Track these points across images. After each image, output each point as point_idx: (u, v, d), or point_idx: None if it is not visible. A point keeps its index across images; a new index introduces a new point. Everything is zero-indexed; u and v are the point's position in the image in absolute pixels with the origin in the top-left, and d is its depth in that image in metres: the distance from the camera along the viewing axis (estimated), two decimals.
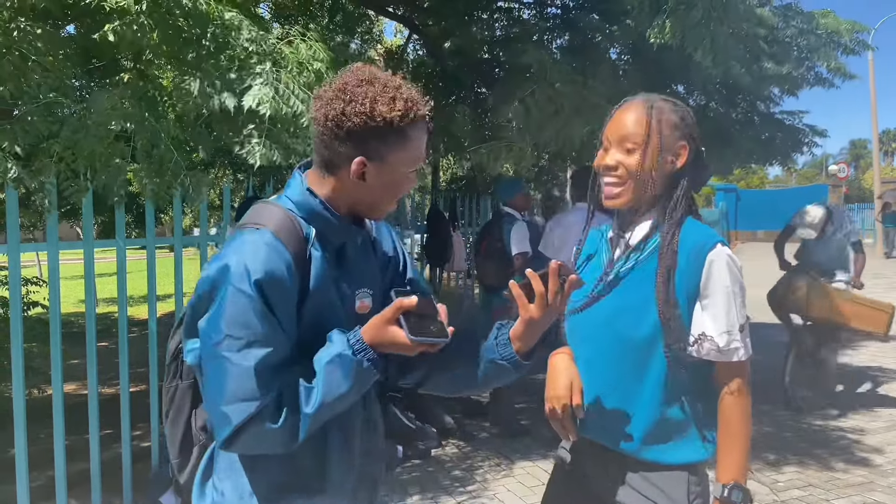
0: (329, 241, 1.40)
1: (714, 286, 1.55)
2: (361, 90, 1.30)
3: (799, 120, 6.65)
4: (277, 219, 1.35)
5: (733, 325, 1.54)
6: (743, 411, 1.56)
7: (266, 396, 1.25)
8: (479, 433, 5.14)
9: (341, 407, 1.32)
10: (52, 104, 2.65)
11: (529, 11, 6.56)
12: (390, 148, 1.33)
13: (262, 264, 1.27)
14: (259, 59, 2.77)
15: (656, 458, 1.59)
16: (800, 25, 5.03)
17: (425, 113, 1.35)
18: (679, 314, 1.54)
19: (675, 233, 1.58)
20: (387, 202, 1.42)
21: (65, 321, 3.52)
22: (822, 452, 4.66)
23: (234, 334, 1.25)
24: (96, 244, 3.66)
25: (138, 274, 5.59)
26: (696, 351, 1.56)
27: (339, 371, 1.28)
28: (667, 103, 1.63)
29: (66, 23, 3.57)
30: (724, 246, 1.57)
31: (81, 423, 3.61)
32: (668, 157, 1.59)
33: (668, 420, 1.59)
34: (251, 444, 1.28)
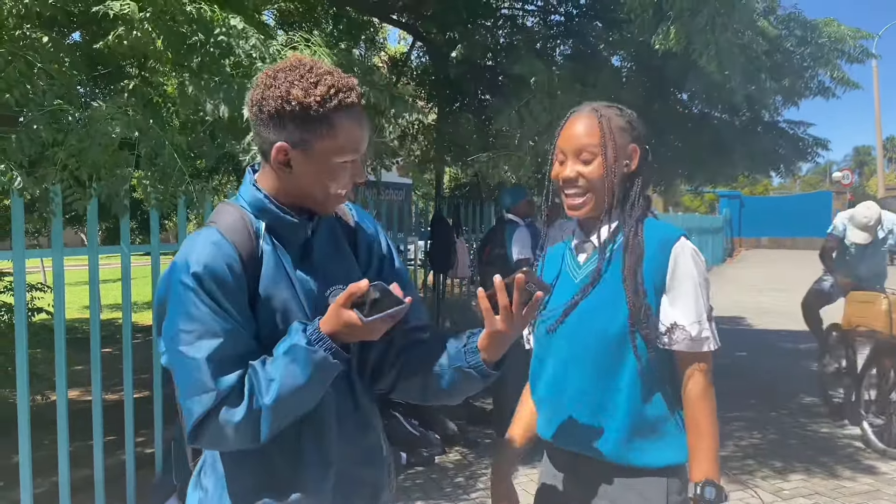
0: (284, 237, 1.38)
1: (681, 278, 1.58)
2: (283, 75, 1.29)
3: (803, 130, 6.64)
4: (228, 216, 1.36)
5: (702, 314, 1.57)
6: (708, 404, 1.57)
7: (223, 388, 1.25)
8: (482, 440, 5.13)
9: (305, 400, 1.30)
10: (57, 112, 2.66)
11: (533, 19, 6.59)
12: (313, 134, 1.29)
13: (203, 258, 1.28)
14: (263, 66, 2.77)
15: (637, 460, 1.57)
16: (802, 35, 5.03)
17: (353, 101, 1.31)
18: (648, 304, 1.57)
19: (637, 229, 1.62)
20: (320, 192, 1.36)
21: (68, 327, 3.53)
22: (828, 460, 4.64)
23: (185, 328, 1.26)
24: (101, 250, 3.67)
25: (142, 280, 5.61)
26: (667, 341, 1.57)
27: (295, 362, 1.26)
28: (612, 109, 1.67)
29: (72, 30, 3.60)
30: (687, 239, 1.62)
31: (85, 429, 3.62)
32: (622, 161, 1.63)
33: (647, 418, 1.58)
34: (214, 437, 1.28)
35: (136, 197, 3.51)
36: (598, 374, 1.60)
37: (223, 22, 2.77)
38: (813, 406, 5.95)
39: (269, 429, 1.27)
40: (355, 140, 1.33)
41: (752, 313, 11.94)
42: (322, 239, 1.44)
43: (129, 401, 3.78)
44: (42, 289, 5.67)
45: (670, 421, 1.59)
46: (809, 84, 5.48)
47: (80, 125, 2.67)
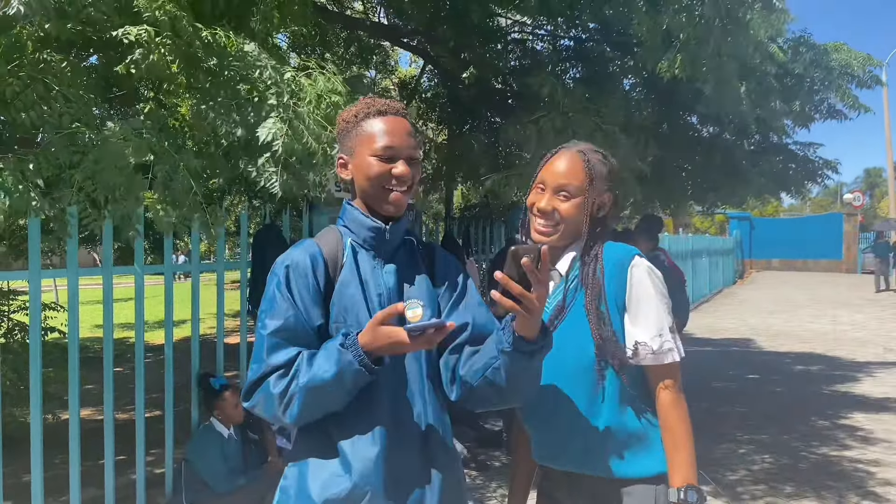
0: (373, 246, 1.64)
1: (639, 294, 1.65)
2: (344, 110, 1.70)
3: (813, 152, 6.65)
4: (325, 233, 1.69)
5: (663, 327, 1.64)
6: (680, 412, 1.63)
7: (272, 363, 1.50)
8: (492, 462, 5.11)
9: (329, 396, 1.48)
10: (74, 134, 2.70)
11: (542, 43, 6.64)
12: (351, 139, 1.64)
13: (293, 256, 1.59)
14: (277, 91, 2.81)
15: (628, 472, 1.65)
16: (812, 59, 5.06)
17: (381, 111, 1.63)
18: (613, 332, 1.64)
19: (596, 263, 1.70)
20: (370, 186, 1.61)
21: (81, 346, 3.56)
22: (839, 485, 4.59)
23: (264, 309, 1.56)
24: (115, 270, 3.70)
25: (154, 299, 5.65)
26: (634, 360, 1.64)
27: (327, 359, 1.46)
28: (597, 154, 1.77)
29: (89, 54, 3.66)
30: (642, 257, 1.70)
31: (95, 448, 3.63)
32: (596, 205, 1.73)
33: (628, 433, 1.65)
34: (257, 400, 1.53)
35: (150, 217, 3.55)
36: (577, 398, 1.67)
37: (237, 50, 2.82)
38: (824, 430, 5.90)
39: (298, 411, 1.48)
40: (385, 138, 1.59)
41: (762, 335, 11.86)
42: (404, 254, 1.70)
43: (141, 420, 3.79)
44: (55, 308, 5.71)
45: (652, 432, 1.67)
46: (819, 107, 5.50)
47: (96, 147, 2.71)
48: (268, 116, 2.74)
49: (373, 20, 7.20)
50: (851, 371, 8.56)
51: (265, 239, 4.63)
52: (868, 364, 9.00)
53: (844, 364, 9.11)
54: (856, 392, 7.39)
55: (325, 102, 2.86)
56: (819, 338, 11.47)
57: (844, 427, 5.98)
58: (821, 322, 13.61)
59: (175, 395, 4.06)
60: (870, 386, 7.68)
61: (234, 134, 2.79)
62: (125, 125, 2.82)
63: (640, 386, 1.67)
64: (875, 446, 5.44)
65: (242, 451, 4.05)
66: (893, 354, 9.77)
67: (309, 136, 2.73)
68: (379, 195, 1.61)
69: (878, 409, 6.65)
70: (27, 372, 3.33)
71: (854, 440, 5.60)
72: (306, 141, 2.71)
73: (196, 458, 3.92)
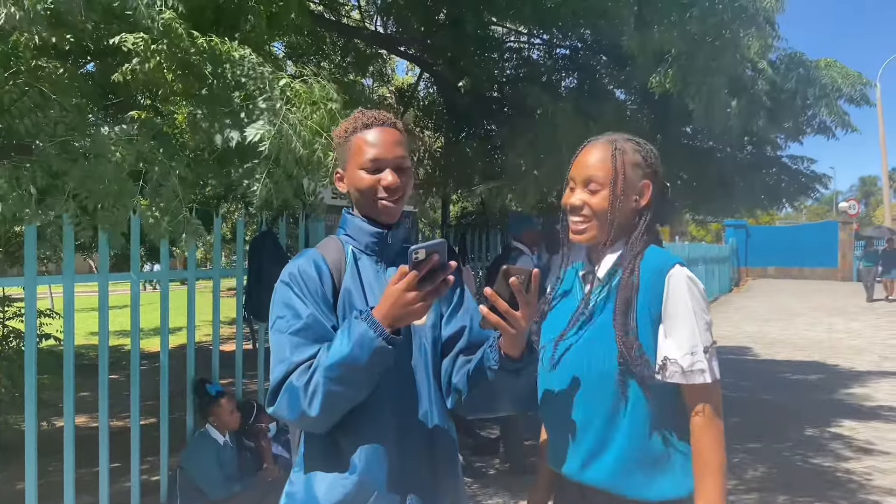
0: (375, 252, 1.69)
1: (675, 307, 1.56)
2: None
3: (806, 165, 6.69)
4: (327, 242, 1.72)
5: (696, 345, 1.53)
6: (713, 437, 1.53)
7: (296, 360, 1.50)
8: (488, 470, 5.11)
9: (352, 377, 1.45)
10: (68, 142, 2.71)
11: (539, 52, 6.68)
12: (343, 153, 1.71)
13: (300, 264, 1.62)
14: (268, 96, 2.82)
15: (635, 493, 1.56)
16: (803, 75, 5.10)
17: (366, 123, 1.68)
18: (640, 345, 1.55)
19: (635, 264, 1.61)
20: (364, 197, 1.66)
21: (76, 353, 3.56)
22: (833, 494, 4.60)
23: (280, 314, 1.57)
24: (111, 277, 3.71)
25: (150, 307, 5.64)
26: (661, 376, 1.55)
27: (343, 333, 1.48)
28: (630, 143, 1.69)
29: (86, 62, 3.67)
30: (683, 267, 1.59)
31: (90, 456, 3.62)
32: (632, 195, 1.65)
33: (648, 452, 1.57)
34: (284, 402, 1.50)
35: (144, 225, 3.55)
36: (597, 407, 1.60)
37: (229, 55, 2.83)
38: (818, 439, 5.91)
39: (322, 400, 1.45)
40: (371, 150, 1.64)
41: (758, 343, 11.88)
42: (405, 261, 1.64)
43: (136, 427, 3.79)
44: (51, 315, 5.71)
45: (674, 455, 1.58)
46: (811, 122, 5.54)
47: (88, 155, 2.72)
48: (258, 119, 2.75)
49: (369, 29, 7.23)
50: (847, 379, 8.57)
51: (261, 246, 4.63)
52: (864, 373, 9.01)
53: (840, 372, 9.13)
54: (851, 401, 7.40)
55: (320, 110, 2.87)
56: (815, 346, 11.49)
57: (839, 436, 5.99)
58: (817, 330, 13.63)
59: (170, 402, 4.05)
60: (865, 395, 7.69)
61: (229, 140, 2.80)
62: (118, 132, 2.84)
63: (667, 404, 1.57)
64: (870, 455, 5.45)
65: (238, 458, 4.05)
66: (889, 363, 9.79)
67: (298, 141, 2.73)
68: (371, 206, 1.67)
69: (874, 417, 6.66)
70: (22, 379, 3.33)
71: (849, 449, 5.60)
72: (294, 146, 2.72)
73: (191, 465, 3.91)
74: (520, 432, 5.07)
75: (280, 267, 1.70)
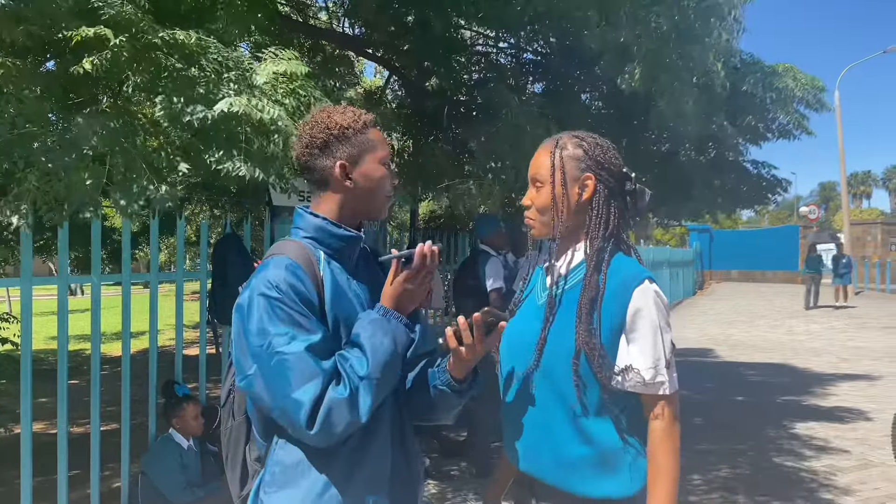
0: (343, 256, 1.64)
1: (641, 321, 1.57)
2: (318, 115, 1.64)
3: (768, 170, 6.83)
4: (290, 246, 1.59)
5: (659, 359, 1.57)
6: (669, 445, 1.56)
7: (328, 369, 1.44)
8: (455, 473, 5.10)
9: (392, 370, 1.50)
10: (28, 136, 2.64)
11: (506, 57, 6.71)
12: (354, 146, 1.61)
13: (280, 275, 1.49)
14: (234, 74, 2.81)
15: (581, 490, 1.59)
16: (762, 80, 5.21)
17: (374, 120, 1.66)
18: (601, 345, 1.57)
19: (598, 263, 1.63)
20: (379, 195, 1.65)
21: (34, 358, 3.47)
22: (793, 493, 4.68)
23: (279, 332, 1.44)
24: (71, 279, 3.63)
25: (111, 310, 5.53)
26: (620, 380, 1.57)
27: (378, 331, 1.49)
28: (572, 139, 1.71)
29: (45, 59, 3.59)
30: (652, 282, 1.60)
31: (49, 463, 3.54)
32: (574, 189, 1.68)
33: (599, 451, 1.59)
34: (327, 417, 1.41)
35: (108, 225, 3.48)
36: (552, 404, 1.63)
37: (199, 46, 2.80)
38: (779, 439, 6.02)
39: (369, 403, 1.44)
40: (387, 149, 1.65)
41: (722, 345, 12.07)
42: (363, 265, 1.72)
43: (96, 433, 3.71)
44: (7, 319, 5.57)
45: (625, 456, 1.60)
46: (771, 126, 5.66)
47: (52, 144, 2.66)
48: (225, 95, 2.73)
49: (337, 31, 7.20)
50: (807, 380, 8.76)
51: (226, 249, 4.57)
52: (823, 374, 9.21)
53: (800, 373, 9.33)
54: (810, 401, 7.56)
55: (283, 86, 2.87)
56: (776, 348, 11.71)
57: (799, 436, 6.11)
58: (777, 332, 13.91)
59: (132, 407, 3.98)
60: (824, 395, 7.87)
61: (195, 116, 2.73)
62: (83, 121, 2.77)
63: (623, 407, 1.60)
64: (829, 454, 5.57)
65: (201, 463, 3.99)
66: (846, 364, 10.02)
67: (269, 107, 2.72)
68: (381, 202, 1.68)
69: (832, 418, 6.81)
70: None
71: (808, 448, 5.72)
72: (268, 110, 2.71)
73: (153, 471, 3.84)
74: (486, 435, 5.08)
75: (245, 270, 1.68)
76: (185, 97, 2.75)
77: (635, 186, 1.71)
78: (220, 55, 2.86)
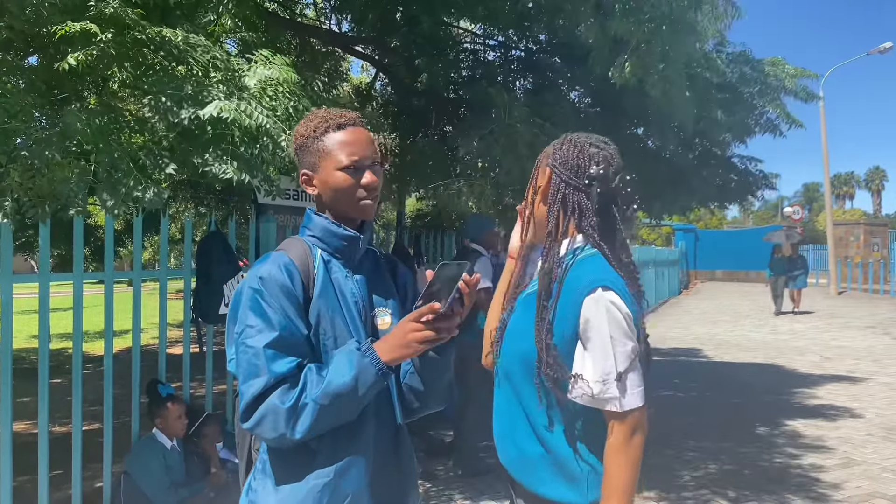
0: (343, 254, 1.66)
1: (591, 331, 1.51)
2: (300, 124, 1.70)
3: (755, 166, 6.86)
4: (292, 245, 1.65)
5: (609, 373, 1.49)
6: (623, 461, 1.50)
7: (275, 373, 1.46)
8: (442, 473, 5.09)
9: (344, 405, 1.47)
10: (12, 131, 2.60)
11: (494, 53, 6.70)
12: (312, 155, 1.64)
13: (269, 269, 1.55)
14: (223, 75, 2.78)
15: (541, 490, 1.59)
16: (750, 73, 5.22)
17: (339, 123, 1.63)
18: (555, 345, 1.54)
19: (551, 267, 1.61)
20: (343, 199, 1.63)
21: (15, 357, 3.42)
22: (781, 489, 4.71)
23: (251, 324, 1.50)
24: (52, 277, 3.57)
25: (94, 309, 5.48)
26: (570, 388, 1.53)
27: (346, 363, 1.48)
28: (551, 146, 1.74)
29: (28, 54, 3.54)
30: (608, 290, 1.51)
31: (31, 464, 3.49)
32: (539, 182, 1.72)
33: (557, 455, 1.57)
34: (259, 419, 1.46)
35: (92, 223, 3.44)
36: (512, 399, 1.65)
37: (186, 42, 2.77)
38: (766, 436, 6.05)
39: (310, 424, 1.45)
40: (351, 152, 1.61)
41: (707, 345, 12.13)
42: (369, 264, 1.74)
43: (78, 432, 3.66)
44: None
45: (582, 465, 1.57)
46: (759, 121, 5.67)
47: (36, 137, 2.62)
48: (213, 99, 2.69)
49: (324, 28, 7.15)
50: (791, 379, 8.82)
51: (210, 247, 4.52)
52: (806, 373, 9.28)
53: (784, 372, 9.39)
54: (795, 400, 7.61)
55: (272, 90, 2.85)
56: (761, 347, 11.78)
57: (785, 433, 6.15)
58: (762, 332, 14.00)
59: (115, 407, 3.93)
60: (808, 394, 7.92)
61: (179, 116, 2.70)
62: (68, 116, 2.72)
63: (582, 414, 1.56)
64: (813, 453, 5.60)
65: (185, 463, 3.95)
66: (830, 363, 10.10)
67: (258, 113, 2.70)
68: (351, 206, 1.64)
69: (816, 415, 6.86)
70: None
71: (793, 447, 5.75)
72: (256, 117, 2.68)
73: (136, 471, 3.80)
74: (473, 435, 5.06)
75: (230, 268, 1.68)
76: (171, 96, 2.72)
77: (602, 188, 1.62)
78: (209, 54, 2.83)
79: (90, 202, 2.87)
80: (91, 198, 2.86)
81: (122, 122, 2.96)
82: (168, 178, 3.04)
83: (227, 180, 2.79)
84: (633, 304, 1.55)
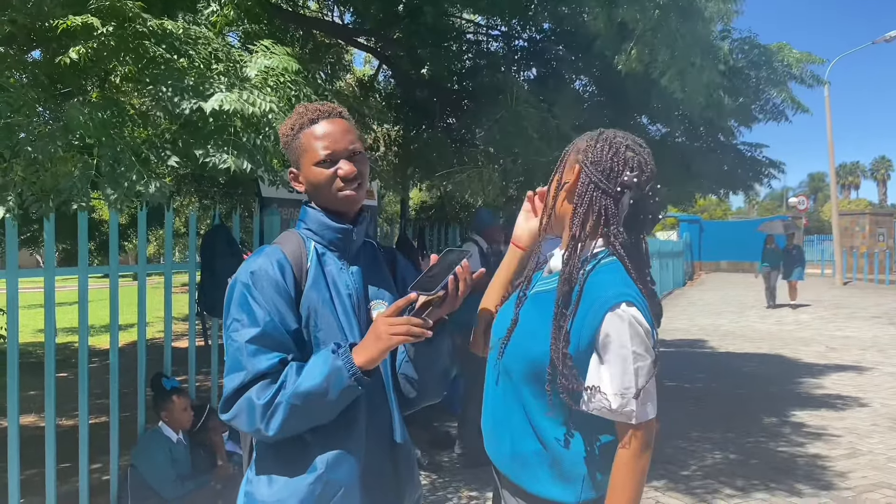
0: (338, 247, 1.66)
1: (611, 345, 1.47)
2: (283, 123, 1.71)
3: (760, 152, 6.83)
4: (287, 239, 1.67)
5: (628, 388, 1.45)
6: (630, 473, 1.48)
7: (255, 370, 1.47)
8: (448, 464, 5.10)
9: (316, 406, 1.47)
10: (14, 125, 2.60)
11: (497, 44, 6.67)
12: (294, 152, 1.67)
13: (260, 263, 1.56)
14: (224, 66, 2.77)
15: (526, 484, 1.57)
16: (756, 58, 5.18)
17: (312, 118, 1.64)
18: (570, 353, 1.49)
19: (572, 274, 1.53)
20: (325, 193, 1.63)
21: (22, 351, 3.43)
22: (788, 479, 4.71)
23: (236, 318, 1.52)
24: (58, 272, 3.58)
25: (100, 303, 5.48)
26: (585, 399, 1.49)
27: (316, 363, 1.48)
28: (583, 139, 1.64)
29: (31, 48, 3.54)
30: (632, 307, 1.47)
31: (38, 457, 3.50)
32: (566, 176, 1.63)
33: (559, 457, 1.54)
34: (237, 412, 1.49)
35: (96, 217, 3.44)
36: (511, 396, 1.61)
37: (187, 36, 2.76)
38: (773, 426, 6.05)
39: (281, 422, 1.46)
40: (323, 145, 1.61)
41: (712, 336, 12.11)
42: (366, 256, 1.74)
43: (84, 426, 3.67)
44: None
45: (579, 466, 1.54)
46: (764, 107, 5.63)
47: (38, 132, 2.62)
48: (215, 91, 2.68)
49: (327, 20, 7.13)
50: (796, 370, 8.81)
51: (214, 240, 4.52)
52: (812, 363, 9.26)
53: (790, 363, 9.38)
54: (800, 390, 7.60)
55: (273, 79, 2.83)
56: (766, 338, 11.77)
57: (791, 424, 6.14)
58: (767, 322, 13.98)
59: (121, 400, 3.94)
60: (814, 384, 7.91)
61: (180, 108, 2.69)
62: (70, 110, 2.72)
63: (590, 420, 1.52)
64: (818, 443, 5.60)
65: (191, 455, 3.96)
66: (834, 353, 10.08)
67: (261, 100, 2.69)
68: (333, 199, 1.64)
69: (821, 405, 6.86)
70: None
71: (798, 437, 5.75)
72: (259, 104, 2.67)
73: (142, 464, 3.81)
74: (477, 425, 5.06)
75: (234, 261, 1.67)
76: (172, 87, 2.71)
77: (633, 197, 1.55)
78: (210, 46, 2.82)
79: (94, 196, 2.86)
80: (95, 192, 2.85)
81: (124, 116, 2.95)
82: (171, 171, 3.04)
83: (228, 170, 2.78)
84: (649, 317, 1.52)
